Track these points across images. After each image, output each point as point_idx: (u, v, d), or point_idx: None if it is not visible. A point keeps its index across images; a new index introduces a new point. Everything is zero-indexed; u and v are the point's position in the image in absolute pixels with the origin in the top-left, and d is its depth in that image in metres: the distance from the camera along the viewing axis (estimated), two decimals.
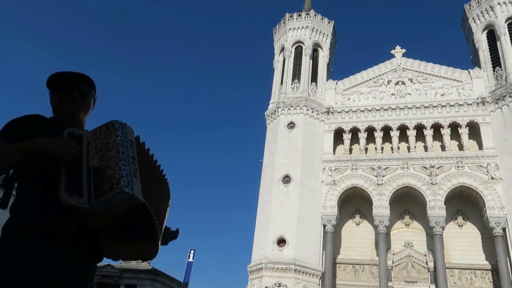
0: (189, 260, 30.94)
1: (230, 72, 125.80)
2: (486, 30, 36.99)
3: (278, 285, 29.56)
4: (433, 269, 30.48)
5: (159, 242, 2.37)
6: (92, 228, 2.16)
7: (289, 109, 36.85)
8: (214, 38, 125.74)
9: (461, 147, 33.28)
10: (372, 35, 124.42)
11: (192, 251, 31.42)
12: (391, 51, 39.18)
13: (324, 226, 32.39)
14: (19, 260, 1.98)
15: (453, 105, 34.56)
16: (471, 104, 34.16)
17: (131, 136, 2.25)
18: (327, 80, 39.67)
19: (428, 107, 35.09)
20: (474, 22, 37.79)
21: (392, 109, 35.85)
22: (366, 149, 35.23)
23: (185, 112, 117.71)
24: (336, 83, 39.00)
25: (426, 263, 31.27)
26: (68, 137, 2.19)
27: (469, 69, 36.21)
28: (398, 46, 39.20)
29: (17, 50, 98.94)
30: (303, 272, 30.10)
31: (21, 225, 2.06)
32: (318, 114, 36.79)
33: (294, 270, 29.80)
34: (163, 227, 2.43)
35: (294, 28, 41.48)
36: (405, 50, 38.90)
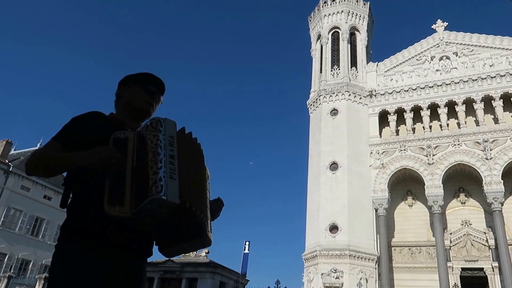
0: (245, 251, 32.02)
1: (270, 67, 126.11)
2: None
3: (334, 271, 29.79)
4: (494, 247, 29.46)
5: (210, 233, 2.35)
6: (143, 231, 2.26)
7: (330, 96, 36.70)
8: (249, 33, 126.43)
9: None
10: (410, 11, 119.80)
11: (247, 243, 32.50)
12: (432, 26, 37.88)
13: (376, 210, 32.18)
14: (74, 264, 2.06)
15: (504, 75, 32.97)
16: None
17: (171, 131, 2.18)
18: (367, 63, 39.03)
19: (476, 80, 33.71)
20: None
21: (438, 85, 34.76)
22: (413, 129, 34.47)
23: (232, 109, 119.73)
24: (377, 65, 38.33)
25: (487, 240, 30.26)
26: (114, 142, 2.20)
27: None
28: (439, 20, 37.83)
29: (16, 50, 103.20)
30: (358, 257, 30.14)
31: (77, 228, 2.15)
32: (360, 98, 36.36)
33: (349, 256, 29.89)
34: (208, 213, 2.38)
35: (329, 14, 41.09)
36: (447, 24, 37.46)
